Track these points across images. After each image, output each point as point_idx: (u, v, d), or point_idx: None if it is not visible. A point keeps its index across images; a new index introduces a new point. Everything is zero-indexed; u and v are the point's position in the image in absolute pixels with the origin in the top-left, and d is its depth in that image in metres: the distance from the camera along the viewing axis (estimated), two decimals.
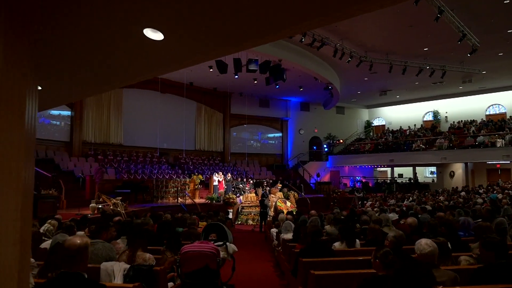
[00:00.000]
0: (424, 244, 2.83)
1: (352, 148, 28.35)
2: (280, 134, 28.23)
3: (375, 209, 12.39)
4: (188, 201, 17.10)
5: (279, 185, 18.81)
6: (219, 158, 24.67)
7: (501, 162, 22.92)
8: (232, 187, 18.93)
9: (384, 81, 23.27)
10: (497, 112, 26.49)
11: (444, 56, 18.32)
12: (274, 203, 15.69)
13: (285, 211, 11.87)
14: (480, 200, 14.03)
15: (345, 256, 4.11)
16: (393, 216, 9.18)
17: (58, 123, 18.33)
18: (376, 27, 15.37)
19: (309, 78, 20.40)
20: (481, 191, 18.96)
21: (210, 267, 3.48)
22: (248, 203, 17.00)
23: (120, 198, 12.56)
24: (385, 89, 25.69)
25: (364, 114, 32.46)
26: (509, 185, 19.78)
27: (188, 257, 3.51)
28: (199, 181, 19.12)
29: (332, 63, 19.47)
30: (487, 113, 26.80)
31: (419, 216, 8.48)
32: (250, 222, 16.07)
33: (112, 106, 19.99)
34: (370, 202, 18.77)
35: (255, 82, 20.93)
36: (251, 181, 19.90)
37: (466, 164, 24.08)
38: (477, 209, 9.02)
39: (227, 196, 16.93)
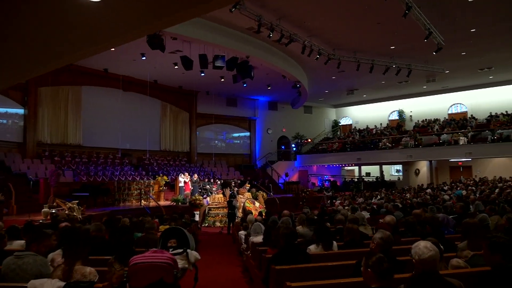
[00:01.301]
0: (423, 247, 2.43)
1: (320, 147, 28.32)
2: (248, 134, 27.78)
3: (346, 207, 12.14)
4: (152, 203, 16.31)
5: (248, 185, 18.34)
6: (185, 159, 23.90)
7: (463, 159, 23.47)
8: (199, 188, 18.29)
9: (352, 80, 23.30)
10: (459, 111, 27.18)
11: (410, 55, 18.44)
12: (242, 204, 15.19)
13: (254, 212, 11.40)
14: (447, 197, 14.08)
15: (323, 261, 3.67)
16: (365, 214, 8.92)
17: (5, 121, 16.99)
18: (344, 24, 15.20)
19: (277, 77, 20.05)
20: (445, 188, 19.25)
21: (165, 280, 2.94)
22: (216, 204, 16.43)
23: (77, 201, 11.68)
24: (352, 88, 25.78)
25: (332, 114, 32.57)
26: (471, 182, 20.23)
27: (138, 270, 2.95)
28: (164, 182, 18.35)
29: (300, 61, 19.22)
30: (449, 112, 27.47)
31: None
32: (218, 224, 15.50)
33: (70, 104, 18.82)
34: (339, 201, 18.66)
35: (222, 80, 20.40)
36: (219, 182, 19.33)
37: (430, 162, 24.52)
38: (448, 205, 8.89)
39: (194, 197, 16.27)
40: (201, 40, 14.28)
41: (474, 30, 15.70)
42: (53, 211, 10.59)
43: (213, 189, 17.98)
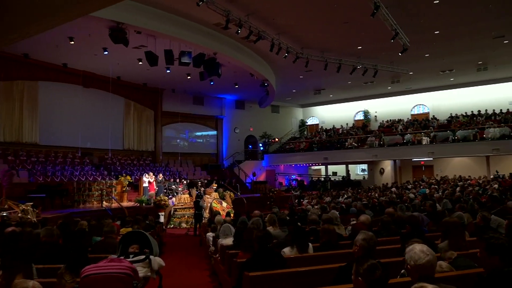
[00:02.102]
0: (420, 251, 2.20)
1: (287, 147, 28.31)
2: (215, 133, 27.32)
3: (315, 207, 12.04)
4: (115, 204, 15.60)
5: (215, 185, 17.94)
6: (150, 158, 23.15)
7: (426, 159, 24.09)
8: (164, 189, 17.70)
9: (319, 80, 23.39)
10: (421, 112, 27.94)
11: (376, 56, 18.67)
12: (209, 204, 14.80)
13: (221, 212, 11.06)
14: (412, 195, 14.30)
15: (299, 265, 3.40)
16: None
17: None
18: (312, 22, 15.11)
19: (245, 75, 19.76)
20: (409, 186, 19.65)
21: None
22: (181, 205, 15.95)
23: (31, 203, 10.90)
24: (319, 88, 25.91)
25: (299, 113, 32.67)
26: (434, 181, 20.78)
27: (91, 282, 2.56)
28: (127, 182, 17.64)
29: (268, 59, 19.04)
30: (412, 112, 28.18)
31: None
32: (184, 225, 15.04)
33: (25, 101, 17.67)
34: (307, 200, 18.65)
35: (189, 77, 19.84)
36: (185, 182, 18.81)
37: (394, 161, 25.03)
38: (416, 204, 8.92)
39: (159, 198, 15.69)
40: (167, 34, 13.76)
41: (438, 32, 16.06)
42: (4, 214, 9.81)
43: (179, 189, 17.46)
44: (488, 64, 20.92)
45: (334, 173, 27.91)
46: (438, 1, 13.17)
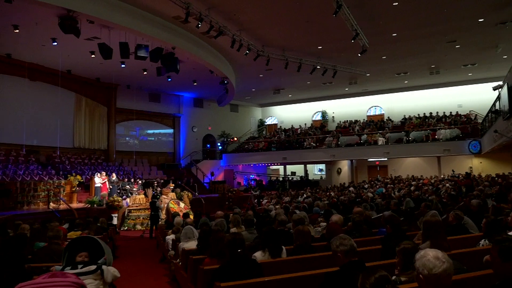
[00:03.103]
0: (434, 258, 1.88)
1: (246, 146, 28.06)
2: (172, 131, 26.49)
3: (276, 206, 11.81)
4: (63, 206, 14.57)
5: (172, 185, 17.31)
6: (102, 157, 21.98)
7: (381, 159, 24.70)
8: (118, 189, 16.83)
9: (279, 79, 23.31)
10: (377, 113, 28.66)
11: (336, 56, 18.81)
12: (166, 205, 14.18)
13: (180, 213, 10.54)
14: (370, 195, 14.49)
15: (274, 272, 3.05)
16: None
17: None
18: (274, 20, 14.90)
19: (204, 72, 19.23)
20: (366, 186, 20.01)
21: None
22: (136, 206, 15.23)
23: None
24: (279, 88, 25.85)
25: (258, 113, 32.52)
26: (389, 180, 21.31)
27: None
28: (77, 182, 16.59)
29: (229, 56, 18.65)
30: (368, 114, 28.85)
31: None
32: (139, 227, 14.35)
33: None
34: (266, 200, 18.47)
35: (145, 73, 19.07)
36: (140, 182, 18.01)
37: (351, 161, 25.46)
38: (379, 203, 8.90)
39: (111, 198, 14.85)
40: (122, 26, 12.96)
41: (395, 34, 16.39)
42: None
43: (134, 189, 16.67)
44: (440, 68, 21.74)
45: (293, 173, 27.98)
46: (397, 3, 13.38)
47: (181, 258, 4.80)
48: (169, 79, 19.81)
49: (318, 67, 19.22)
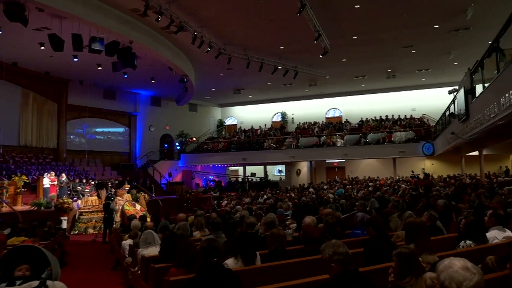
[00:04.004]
0: (463, 269, 1.61)
1: (205, 147, 27.51)
2: (127, 130, 25.43)
3: (238, 207, 11.50)
4: (6, 208, 13.40)
5: (127, 186, 16.53)
6: (51, 156, 20.63)
7: (339, 160, 25.07)
8: (68, 190, 15.81)
9: (239, 79, 23.04)
10: (335, 115, 29.12)
11: (297, 57, 18.82)
12: (121, 207, 13.45)
13: (137, 216, 9.94)
14: (331, 195, 14.53)
15: (250, 283, 2.72)
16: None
17: None
18: (237, 18, 14.62)
19: (163, 69, 18.57)
20: (325, 187, 20.16)
21: None
22: (89, 208, 14.37)
23: None
24: (239, 88, 25.57)
25: (217, 113, 32.06)
26: (347, 181, 21.64)
27: None
28: (22, 183, 15.34)
29: (189, 53, 18.13)
30: (327, 116, 29.25)
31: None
32: (91, 230, 13.52)
33: None
34: (226, 202, 18.13)
35: (99, 68, 18.07)
36: (92, 183, 17.04)
37: (311, 162, 25.64)
38: (344, 204, 8.82)
39: (61, 200, 13.86)
40: (76, 16, 12.11)
41: (356, 37, 16.60)
42: None
43: (86, 190, 15.73)
44: (396, 72, 22.38)
45: (253, 174, 27.78)
46: (358, 6, 13.52)
47: (140, 266, 4.35)
48: (125, 76, 18.93)
49: (279, 67, 19.15)
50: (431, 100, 25.26)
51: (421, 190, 12.59)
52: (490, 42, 15.80)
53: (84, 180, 17.39)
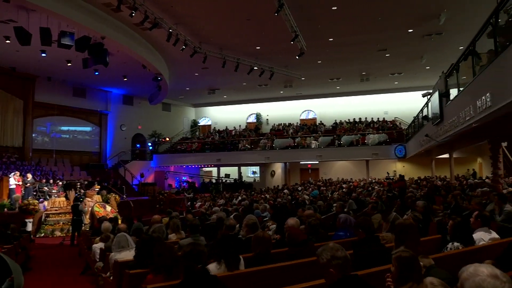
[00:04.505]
0: (491, 277, 1.43)
1: (178, 147, 27.02)
2: (98, 129, 24.64)
3: (214, 209, 11.27)
4: None
5: (97, 187, 15.95)
6: (16, 155, 19.66)
7: (314, 162, 25.19)
8: (34, 191, 15.09)
9: (214, 79, 22.78)
10: (310, 117, 29.27)
11: (273, 58, 18.76)
12: (90, 208, 12.95)
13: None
14: (306, 197, 14.50)
15: None
16: None
17: None
18: (213, 16, 14.37)
19: (136, 67, 18.08)
20: (299, 188, 20.17)
21: None
22: (56, 210, 13.78)
23: None
24: (214, 88, 25.28)
25: (191, 113, 31.62)
26: (321, 182, 21.72)
27: None
28: None
29: (163, 51, 17.73)
30: (301, 117, 29.36)
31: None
32: (58, 233, 12.96)
33: None
34: (200, 203, 17.85)
35: (69, 64, 17.34)
36: (60, 183, 16.35)
37: (285, 164, 25.64)
38: (321, 205, 8.75)
39: (26, 201, 13.20)
40: (44, 8, 11.50)
41: (332, 39, 16.67)
42: None
43: (53, 191, 15.06)
44: (370, 75, 22.68)
45: (227, 175, 27.50)
46: (336, 8, 13.56)
47: (112, 272, 4.07)
48: (96, 73, 18.35)
49: (255, 68, 19.03)
50: (403, 104, 25.81)
51: (394, 192, 12.73)
52: (461, 47, 16.36)
53: (51, 181, 16.67)
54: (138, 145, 27.10)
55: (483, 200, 6.91)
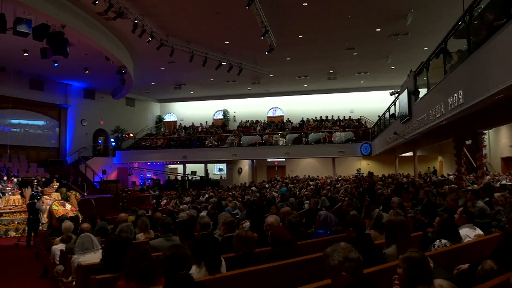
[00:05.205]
0: None
1: (143, 143, 26.23)
2: (57, 124, 23.45)
3: (181, 207, 10.91)
4: None
5: (56, 184, 15.12)
6: None
7: (281, 159, 25.18)
8: None
9: (181, 74, 22.27)
10: (277, 114, 29.27)
11: (242, 53, 18.52)
12: (49, 207, 12.23)
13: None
14: (275, 194, 14.41)
15: None
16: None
17: None
18: (182, 7, 13.92)
19: (98, 60, 17.29)
20: (267, 185, 20.10)
21: None
22: (10, 208, 12.92)
23: None
24: (180, 83, 24.71)
25: (156, 109, 30.81)
26: (288, 180, 21.74)
27: None
28: None
29: (128, 43, 17.09)
30: (269, 115, 29.32)
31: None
32: (13, 233, 12.16)
33: None
34: (166, 201, 17.36)
35: (26, 54, 16.36)
36: (15, 180, 15.36)
37: (252, 161, 25.49)
38: (294, 202, 8.63)
39: None
40: None
41: (301, 36, 16.62)
42: None
43: (7, 188, 14.11)
44: (337, 74, 22.92)
45: (193, 172, 26.98)
46: (306, 4, 13.47)
47: (75, 276, 3.69)
48: (55, 64, 17.33)
49: (224, 63, 18.71)
50: (368, 103, 26.32)
51: (362, 188, 12.84)
52: (425, 48, 16.79)
53: (5, 178, 15.61)
54: (99, 141, 26.09)
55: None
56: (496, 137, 18.14)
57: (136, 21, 13.67)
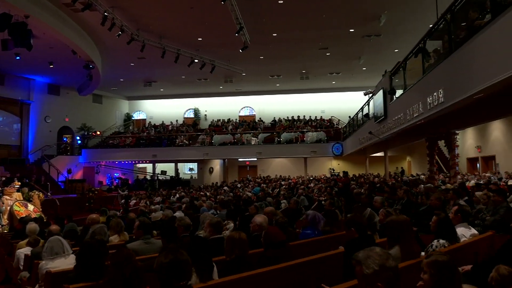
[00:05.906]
0: None
1: (110, 141, 25.36)
2: (18, 120, 22.27)
3: (152, 207, 10.52)
4: None
5: (17, 184, 14.25)
6: None
7: (253, 158, 25.01)
8: None
9: (152, 71, 21.70)
10: (248, 114, 29.09)
11: (215, 51, 18.22)
12: (9, 208, 11.49)
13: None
14: (249, 194, 14.21)
15: None
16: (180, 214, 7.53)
17: None
18: (154, 0, 13.46)
19: (64, 53, 16.49)
20: (239, 185, 19.87)
21: None
22: None
23: None
24: (150, 80, 24.09)
25: (124, 106, 29.91)
26: (260, 179, 21.59)
27: None
28: None
29: (96, 38, 16.43)
30: (240, 114, 29.09)
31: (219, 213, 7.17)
32: None
33: None
34: (135, 201, 16.84)
35: None
36: None
37: (224, 160, 25.19)
38: (269, 201, 8.46)
39: None
40: None
41: (275, 34, 16.50)
42: None
43: None
44: (309, 74, 22.98)
45: (163, 172, 26.35)
46: (282, 1, 13.35)
47: (43, 285, 3.33)
48: (17, 57, 16.35)
49: (196, 60, 18.33)
50: (339, 103, 26.61)
51: (335, 188, 12.85)
52: (396, 50, 17.06)
53: None
54: (64, 139, 25.02)
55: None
56: (462, 138, 18.71)
57: (105, 13, 13.10)
